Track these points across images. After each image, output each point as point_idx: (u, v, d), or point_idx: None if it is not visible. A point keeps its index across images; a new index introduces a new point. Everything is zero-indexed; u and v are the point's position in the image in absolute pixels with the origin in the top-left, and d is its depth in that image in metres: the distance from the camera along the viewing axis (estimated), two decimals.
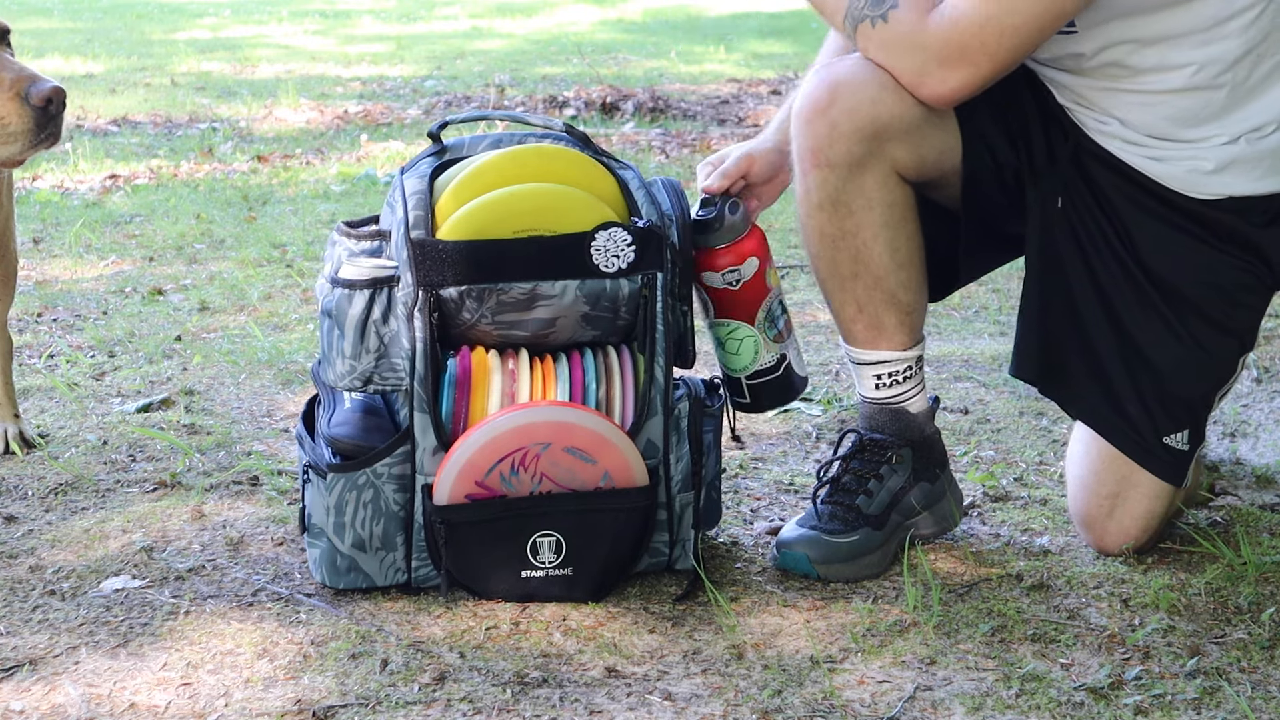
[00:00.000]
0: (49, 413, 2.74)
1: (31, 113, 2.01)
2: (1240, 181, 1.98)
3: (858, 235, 2.01)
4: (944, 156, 2.03)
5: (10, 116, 2.00)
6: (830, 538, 2.02)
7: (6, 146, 2.02)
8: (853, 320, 2.06)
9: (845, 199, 2.00)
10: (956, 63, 1.91)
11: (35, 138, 2.02)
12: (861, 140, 1.97)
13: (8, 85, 2.00)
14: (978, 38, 1.89)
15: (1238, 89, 1.93)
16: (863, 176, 1.99)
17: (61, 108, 2.03)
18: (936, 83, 1.93)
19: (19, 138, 2.01)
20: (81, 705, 1.68)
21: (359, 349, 1.88)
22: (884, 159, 1.99)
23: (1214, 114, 1.95)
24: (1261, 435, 2.59)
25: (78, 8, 13.53)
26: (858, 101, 1.97)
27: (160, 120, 6.82)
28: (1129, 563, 2.05)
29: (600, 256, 1.88)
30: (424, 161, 1.98)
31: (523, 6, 13.71)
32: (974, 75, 1.92)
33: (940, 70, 1.92)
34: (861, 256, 2.01)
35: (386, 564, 1.92)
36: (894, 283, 2.03)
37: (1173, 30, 1.91)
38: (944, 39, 1.91)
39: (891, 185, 2.01)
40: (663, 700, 1.70)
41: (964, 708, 1.68)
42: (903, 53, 1.94)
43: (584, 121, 6.57)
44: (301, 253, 4.09)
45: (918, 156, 2.01)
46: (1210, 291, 2.00)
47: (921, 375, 2.11)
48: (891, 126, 1.98)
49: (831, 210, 2.01)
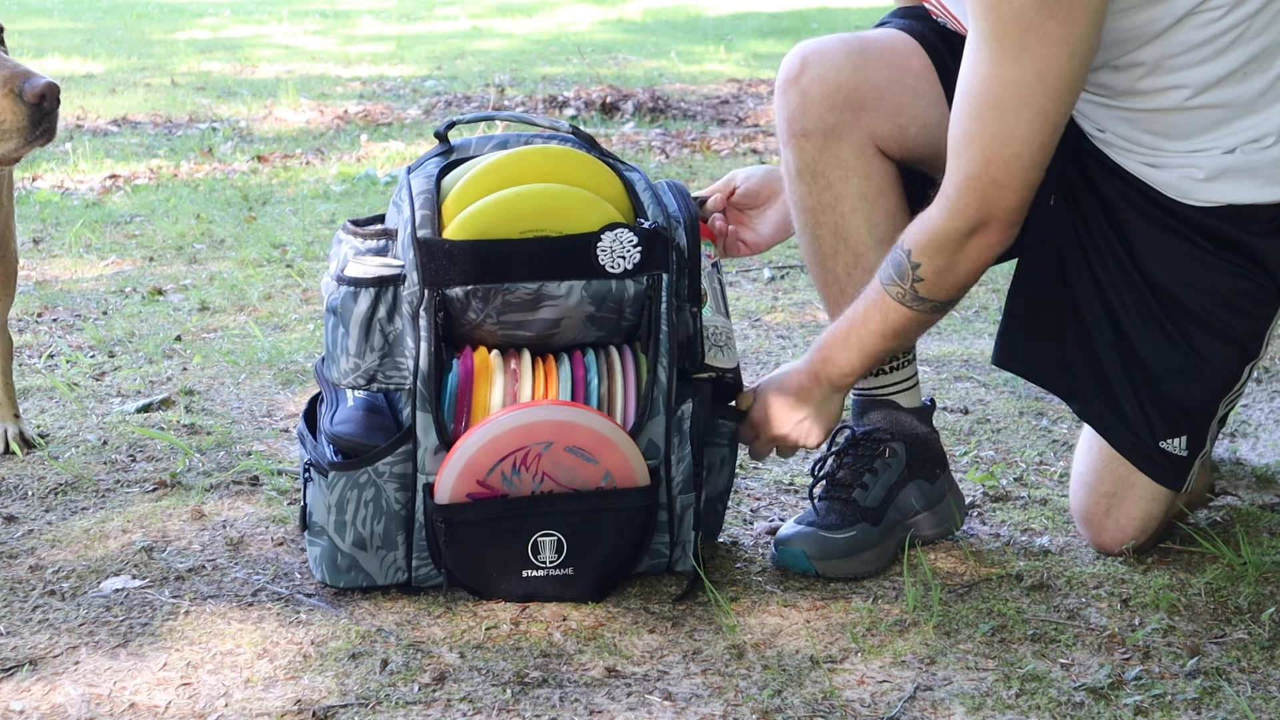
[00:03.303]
0: (49, 413, 2.74)
1: (26, 109, 2.00)
2: (1240, 190, 1.95)
3: (836, 208, 2.03)
4: (928, 130, 2.02)
5: (4, 113, 2.00)
6: (827, 533, 2.02)
7: (1, 144, 2.01)
8: (835, 301, 2.07)
9: (822, 169, 2.02)
10: (988, 213, 1.85)
11: (30, 134, 2.01)
12: (833, 108, 1.99)
13: (1, 82, 2.00)
14: (988, 178, 1.83)
15: (1230, 106, 1.90)
16: (838, 145, 2.01)
17: (56, 104, 2.03)
18: (996, 235, 1.87)
19: (14, 134, 2.01)
20: (81, 705, 1.68)
21: (363, 347, 1.88)
22: (859, 129, 2.00)
23: (1203, 129, 1.92)
24: (1261, 435, 2.59)
25: (78, 8, 13.54)
26: (825, 69, 2.00)
27: (160, 120, 6.82)
28: (1129, 563, 2.05)
29: (606, 257, 1.88)
30: (430, 161, 1.98)
31: (523, 6, 13.71)
32: (1008, 203, 1.85)
33: (985, 228, 1.86)
34: (840, 230, 2.03)
35: (387, 563, 1.93)
36: (874, 260, 2.02)
37: (1151, 56, 1.88)
38: (962, 211, 1.86)
39: (869, 156, 2.02)
40: (663, 700, 1.70)
41: (964, 708, 1.68)
42: (951, 256, 1.89)
43: (584, 121, 6.57)
44: (301, 253, 4.09)
45: (896, 127, 2.02)
46: (1207, 298, 1.98)
47: (913, 370, 2.11)
48: (863, 93, 1.99)
49: (811, 181, 2.03)
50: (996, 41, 1.78)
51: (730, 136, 6.18)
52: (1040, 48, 1.76)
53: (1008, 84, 1.79)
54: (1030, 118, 1.80)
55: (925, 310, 1.94)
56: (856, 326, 1.97)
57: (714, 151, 5.81)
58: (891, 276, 1.93)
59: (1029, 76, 1.78)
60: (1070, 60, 1.78)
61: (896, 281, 1.92)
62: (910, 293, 1.92)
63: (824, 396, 2.02)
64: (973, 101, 1.82)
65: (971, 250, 1.88)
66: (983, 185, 1.83)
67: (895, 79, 2.00)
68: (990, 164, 1.82)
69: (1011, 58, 1.78)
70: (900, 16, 2.12)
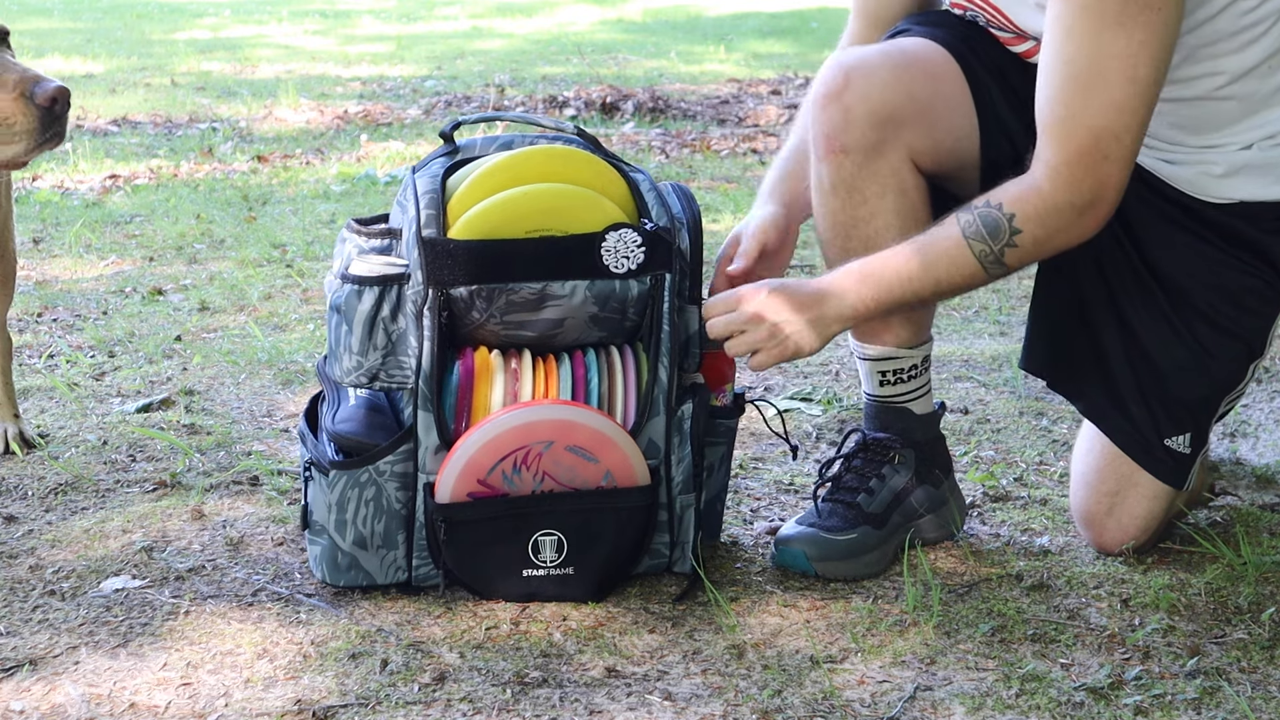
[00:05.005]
0: (49, 413, 2.74)
1: (37, 112, 2.01)
2: (1251, 187, 1.96)
3: (870, 223, 2.01)
4: (960, 144, 2.02)
5: (15, 116, 2.00)
6: (828, 535, 2.02)
7: (11, 146, 2.02)
8: None
9: (860, 185, 2.00)
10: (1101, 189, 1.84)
11: (40, 137, 2.02)
12: (876, 125, 1.97)
13: (12, 85, 2.00)
14: (1099, 154, 1.82)
15: (1250, 99, 1.91)
16: (878, 162, 1.98)
17: (66, 107, 2.03)
18: (1105, 211, 1.85)
19: (24, 137, 2.01)
20: (81, 705, 1.68)
21: (366, 345, 1.88)
22: (899, 145, 1.98)
23: (1225, 122, 1.93)
24: (1261, 435, 2.59)
25: (78, 8, 13.54)
26: (870, 86, 1.96)
27: (160, 120, 6.82)
28: (1129, 563, 2.05)
29: (610, 257, 1.88)
30: (436, 161, 1.99)
31: (523, 6, 13.71)
32: (1118, 179, 1.84)
33: (1096, 206, 1.84)
34: (872, 245, 2.00)
35: (387, 562, 1.93)
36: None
37: (1192, 41, 1.88)
38: (1077, 187, 1.83)
39: (906, 173, 2.00)
40: (663, 700, 1.70)
41: (964, 708, 1.68)
42: (1056, 229, 1.86)
43: (584, 121, 6.57)
44: (301, 253, 4.09)
45: (933, 142, 2.00)
46: (1216, 295, 1.99)
47: (928, 377, 2.11)
48: (905, 109, 1.97)
49: (846, 196, 2.01)
50: (1098, 14, 1.77)
51: (730, 136, 6.18)
52: (1142, 17, 1.76)
53: (1113, 56, 1.78)
54: (1135, 90, 1.79)
55: (996, 274, 1.89)
56: (902, 265, 1.89)
57: (714, 151, 5.81)
58: (980, 233, 1.87)
59: (1134, 48, 1.77)
60: (1167, 29, 1.78)
61: (985, 239, 1.86)
62: (995, 255, 1.87)
63: (826, 321, 1.92)
64: (1075, 76, 1.80)
65: (1078, 228, 1.85)
66: (1095, 161, 1.81)
67: (934, 92, 1.99)
68: (1101, 139, 1.81)
69: (1114, 29, 1.77)
70: (918, 24, 2.10)
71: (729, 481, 2.11)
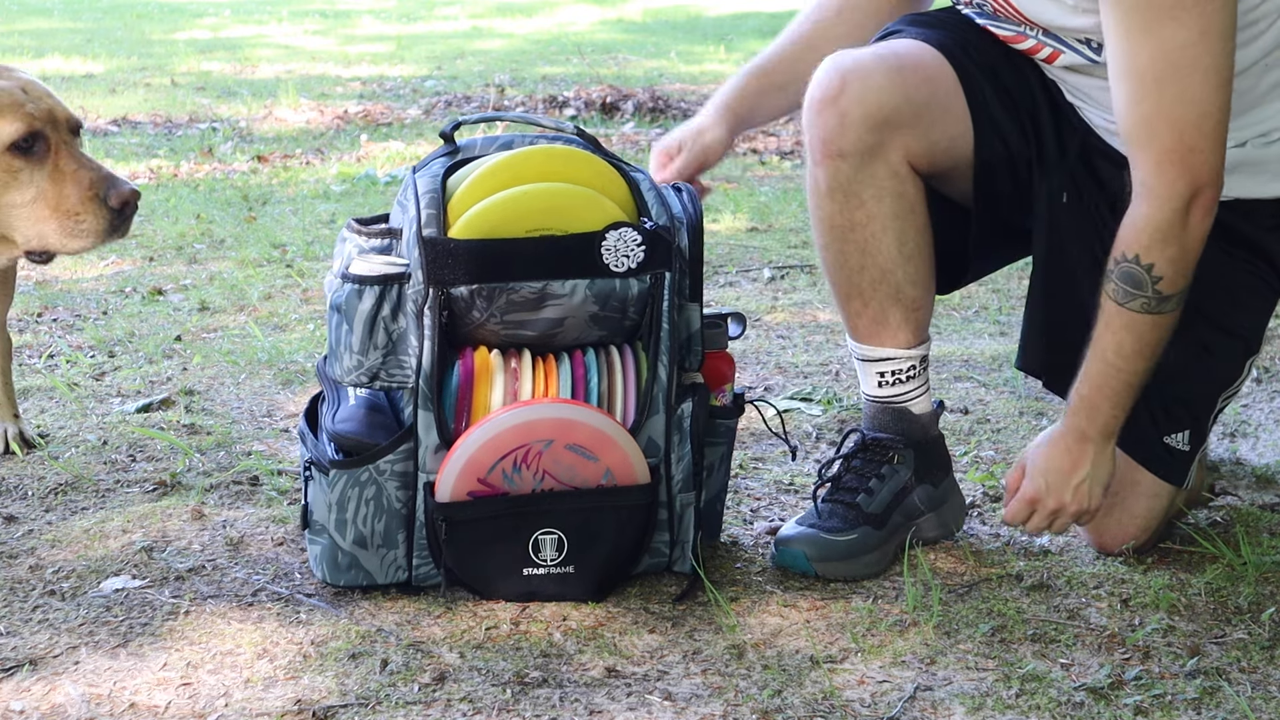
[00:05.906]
0: (49, 413, 2.74)
1: (107, 214, 2.08)
2: (1246, 184, 1.97)
3: (867, 226, 2.01)
4: (955, 144, 2.02)
5: (86, 216, 2.07)
6: (828, 535, 2.02)
7: (78, 240, 2.08)
8: (857, 314, 2.06)
9: (856, 189, 2.00)
10: (1196, 181, 1.82)
11: (107, 236, 2.09)
12: (872, 129, 1.97)
13: (87, 185, 2.07)
14: (1184, 148, 1.81)
15: (1245, 96, 1.91)
16: (874, 166, 1.99)
17: (135, 210, 2.10)
18: (1210, 198, 1.83)
19: (91, 235, 2.08)
20: (81, 705, 1.68)
21: (367, 344, 1.88)
22: (896, 148, 1.99)
23: None
24: (1261, 435, 2.59)
25: (78, 8, 13.54)
26: (866, 89, 1.97)
27: (160, 120, 6.82)
28: (1129, 563, 2.05)
29: (610, 256, 1.88)
30: (436, 161, 1.99)
31: (523, 6, 13.72)
32: (1211, 165, 1.82)
33: (1199, 198, 1.83)
34: (869, 248, 2.01)
35: (387, 561, 1.93)
36: (901, 276, 2.02)
37: None
38: (1171, 191, 1.82)
39: (903, 176, 2.00)
40: (663, 700, 1.70)
41: (964, 708, 1.68)
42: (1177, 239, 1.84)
43: (584, 121, 6.57)
44: (301, 253, 4.09)
45: (929, 143, 2.00)
46: (1214, 292, 1.99)
47: (926, 376, 2.11)
48: (901, 112, 1.97)
49: (843, 200, 2.01)
50: (1153, 10, 1.77)
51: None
52: (1197, 6, 1.76)
53: (1177, 48, 1.78)
54: (1204, 77, 1.79)
55: (1171, 309, 1.88)
56: (1109, 364, 1.90)
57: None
58: (1127, 292, 1.86)
59: (1195, 36, 1.77)
60: (1224, 10, 1.78)
61: (1135, 294, 1.86)
62: (1154, 297, 1.86)
63: (1098, 451, 1.95)
64: (1145, 78, 1.80)
65: (1194, 225, 1.84)
66: (1181, 156, 1.81)
67: (929, 94, 1.99)
68: (1184, 133, 1.80)
69: (1172, 22, 1.77)
70: (911, 25, 2.10)
71: (729, 481, 2.11)
